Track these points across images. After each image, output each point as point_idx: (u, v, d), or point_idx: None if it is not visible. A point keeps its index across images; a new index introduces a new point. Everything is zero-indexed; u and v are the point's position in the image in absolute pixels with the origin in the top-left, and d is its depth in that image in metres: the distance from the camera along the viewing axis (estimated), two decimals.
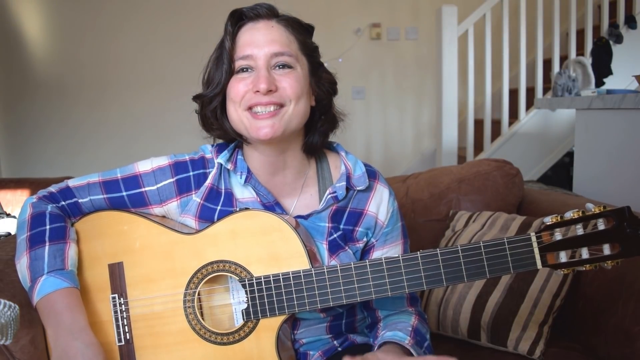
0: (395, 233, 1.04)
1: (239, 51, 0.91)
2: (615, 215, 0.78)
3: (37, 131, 3.88)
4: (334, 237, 0.97)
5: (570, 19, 3.18)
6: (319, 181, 1.01)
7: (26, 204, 0.97)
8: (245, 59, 0.91)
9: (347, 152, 1.04)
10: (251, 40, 0.91)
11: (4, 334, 0.61)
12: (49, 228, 0.92)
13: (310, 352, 0.99)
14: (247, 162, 0.98)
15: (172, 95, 3.79)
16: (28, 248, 0.90)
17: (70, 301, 0.87)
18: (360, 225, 1.00)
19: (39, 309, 0.88)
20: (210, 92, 0.93)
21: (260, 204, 0.97)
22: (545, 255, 0.82)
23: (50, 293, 0.87)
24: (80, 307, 0.89)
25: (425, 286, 0.85)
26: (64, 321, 0.86)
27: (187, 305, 0.92)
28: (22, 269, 0.90)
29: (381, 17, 3.93)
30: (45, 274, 0.88)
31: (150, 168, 0.98)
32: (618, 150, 1.79)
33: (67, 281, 0.88)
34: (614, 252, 0.78)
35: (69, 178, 1.04)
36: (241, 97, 0.90)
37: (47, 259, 0.89)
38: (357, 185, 0.99)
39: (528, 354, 1.22)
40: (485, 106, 3.22)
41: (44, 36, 3.82)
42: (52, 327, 0.86)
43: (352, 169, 1.00)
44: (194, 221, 0.97)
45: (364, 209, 1.00)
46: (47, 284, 0.87)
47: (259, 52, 0.90)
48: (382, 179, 1.04)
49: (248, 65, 0.91)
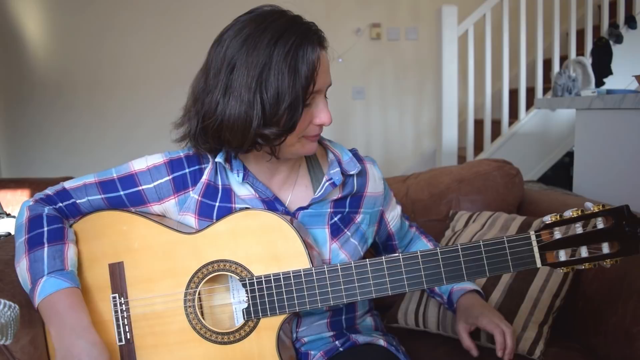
0: (388, 192, 1.13)
1: (315, 85, 0.86)
2: (614, 214, 0.78)
3: (37, 131, 3.88)
4: (335, 220, 0.99)
5: (570, 19, 3.18)
6: (311, 173, 1.03)
7: (23, 207, 0.97)
8: (314, 93, 0.87)
9: (330, 140, 1.06)
10: (322, 72, 0.86)
11: (4, 334, 0.61)
12: (46, 230, 0.92)
13: (311, 352, 0.99)
14: (244, 163, 0.98)
15: (172, 95, 3.78)
16: (27, 250, 0.90)
17: (72, 301, 0.87)
18: (362, 207, 1.04)
19: (41, 311, 0.88)
20: (283, 130, 0.85)
21: (260, 199, 0.97)
22: (544, 253, 0.82)
23: (51, 294, 0.86)
24: (82, 306, 0.89)
25: (425, 285, 0.86)
26: (67, 321, 0.86)
27: (187, 304, 0.92)
28: (22, 271, 0.90)
29: (381, 17, 3.93)
30: (46, 275, 0.87)
31: (146, 166, 0.97)
32: (618, 150, 1.79)
33: (68, 281, 0.88)
34: (613, 251, 0.79)
35: (68, 178, 1.05)
36: (304, 130, 0.90)
37: (47, 261, 0.89)
38: (349, 169, 1.00)
39: (528, 354, 1.22)
40: (485, 106, 3.22)
41: (43, 36, 3.82)
42: (55, 327, 0.86)
43: (340, 155, 1.03)
44: (194, 218, 0.97)
45: (364, 192, 1.04)
46: (48, 285, 0.87)
47: (324, 85, 0.89)
48: (366, 158, 1.09)
49: (312, 98, 0.88)
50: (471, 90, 3.21)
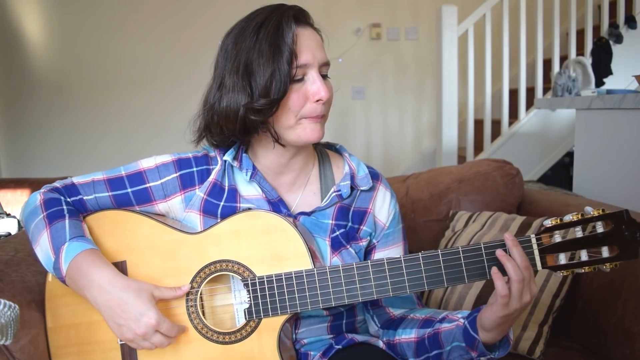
0: (396, 235, 1.05)
1: (298, 58, 0.88)
2: (614, 218, 0.78)
3: (37, 131, 3.88)
4: (337, 234, 0.98)
5: (570, 19, 3.18)
6: (321, 180, 1.03)
7: (34, 195, 0.97)
8: (302, 67, 0.88)
9: (351, 154, 1.06)
10: (307, 47, 0.89)
11: (4, 334, 0.61)
12: (66, 208, 0.93)
13: (311, 353, 0.99)
14: (254, 161, 0.99)
15: (172, 95, 3.79)
16: (47, 225, 0.90)
17: (93, 259, 0.87)
18: (364, 224, 1.01)
19: (70, 279, 0.87)
20: (271, 102, 0.86)
21: (265, 200, 0.97)
22: (545, 257, 0.82)
23: (75, 257, 0.86)
24: (103, 261, 0.88)
25: (426, 287, 0.85)
26: (93, 279, 0.85)
27: (189, 304, 0.92)
28: (44, 245, 0.89)
29: (381, 17, 3.93)
30: (68, 240, 0.88)
31: (154, 164, 0.98)
32: (618, 150, 1.79)
33: (89, 244, 0.89)
34: (613, 255, 0.79)
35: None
36: (300, 107, 0.90)
37: (68, 229, 0.89)
38: (361, 185, 1.01)
39: (528, 354, 1.22)
40: (485, 106, 3.22)
41: (44, 36, 3.82)
42: (87, 290, 0.86)
43: (356, 170, 1.02)
44: (199, 215, 0.97)
45: (368, 207, 1.02)
46: (71, 249, 0.87)
47: (314, 60, 0.89)
48: (384, 181, 1.06)
49: (304, 73, 0.89)
50: (471, 90, 3.21)
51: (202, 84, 0.98)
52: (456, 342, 0.87)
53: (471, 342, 0.85)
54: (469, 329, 0.86)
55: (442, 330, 0.90)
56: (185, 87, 3.67)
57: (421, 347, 0.93)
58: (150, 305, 0.85)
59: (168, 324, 0.86)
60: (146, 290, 0.87)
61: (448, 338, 0.89)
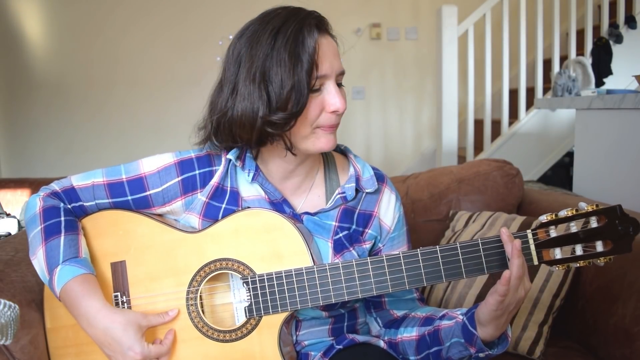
0: (401, 238, 1.06)
1: (319, 69, 0.85)
2: (608, 213, 0.79)
3: (37, 131, 3.88)
4: (340, 236, 0.97)
5: (570, 19, 3.18)
6: (326, 182, 1.02)
7: (34, 200, 0.96)
8: (321, 78, 0.85)
9: (356, 155, 1.05)
10: (327, 57, 0.86)
11: (4, 334, 0.61)
12: (63, 220, 0.93)
13: (311, 353, 0.99)
14: (260, 165, 0.98)
15: (173, 95, 3.79)
16: (43, 240, 0.90)
17: (83, 288, 0.87)
18: (369, 227, 1.01)
19: (62, 301, 0.88)
20: (289, 116, 0.84)
21: (268, 201, 0.97)
22: (541, 251, 0.84)
23: (67, 282, 0.86)
24: (93, 292, 0.87)
25: (425, 282, 0.86)
26: (81, 311, 0.86)
27: (189, 303, 0.92)
28: (40, 262, 0.89)
29: (381, 17, 3.94)
30: (61, 263, 0.87)
31: (156, 168, 0.96)
32: (618, 150, 1.79)
33: (82, 268, 0.88)
34: (607, 249, 0.80)
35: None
36: (316, 117, 0.88)
37: (63, 249, 0.89)
38: (366, 187, 1.00)
39: (528, 354, 1.22)
40: (485, 106, 3.22)
41: (44, 36, 3.82)
42: (76, 317, 0.87)
43: (361, 172, 1.01)
44: (198, 219, 0.97)
45: (373, 210, 1.02)
46: (63, 274, 0.87)
47: (332, 71, 0.87)
48: (389, 183, 1.05)
49: (322, 84, 0.87)
50: (471, 90, 3.21)
51: (201, 83, 0.97)
52: (455, 338, 0.89)
53: (470, 338, 0.86)
54: (468, 325, 0.87)
55: (442, 327, 0.91)
56: (184, 86, 3.67)
57: (422, 344, 0.94)
58: (136, 340, 0.85)
59: (155, 350, 0.87)
60: (133, 322, 0.86)
61: (448, 334, 0.90)
